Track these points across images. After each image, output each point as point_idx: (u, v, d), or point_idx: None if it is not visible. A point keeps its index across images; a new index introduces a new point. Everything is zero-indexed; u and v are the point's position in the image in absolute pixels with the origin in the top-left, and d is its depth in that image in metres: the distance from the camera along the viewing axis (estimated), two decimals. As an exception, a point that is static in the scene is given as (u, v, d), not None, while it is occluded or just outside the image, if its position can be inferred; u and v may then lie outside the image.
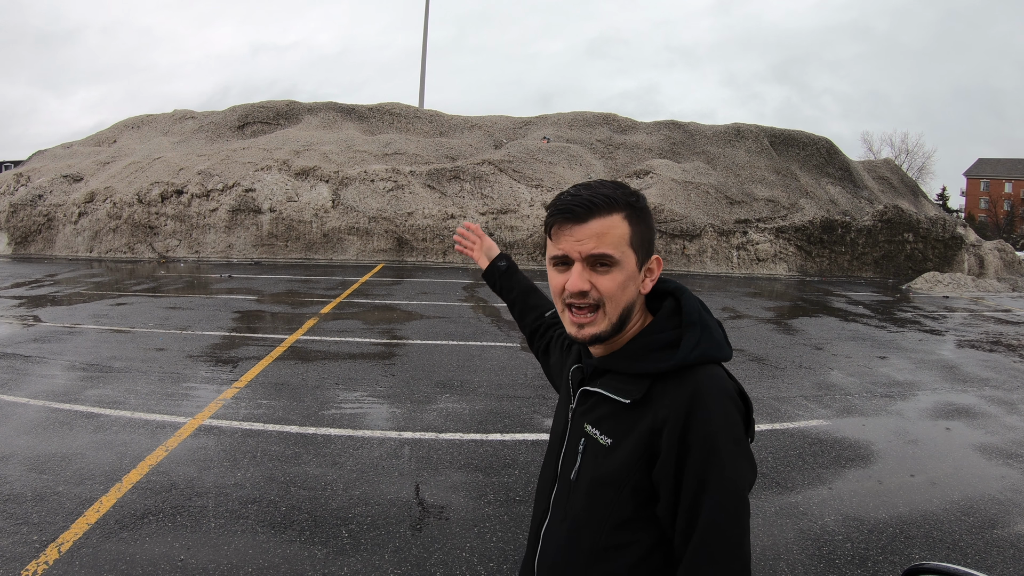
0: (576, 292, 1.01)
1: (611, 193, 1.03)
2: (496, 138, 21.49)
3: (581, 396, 1.11)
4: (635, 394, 1.01)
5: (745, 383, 5.99)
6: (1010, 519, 3.48)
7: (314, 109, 22.10)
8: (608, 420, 1.05)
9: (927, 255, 19.30)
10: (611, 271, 1.01)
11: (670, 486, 0.96)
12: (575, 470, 1.09)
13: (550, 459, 1.18)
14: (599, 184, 1.05)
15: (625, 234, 1.02)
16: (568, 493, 1.10)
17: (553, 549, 1.12)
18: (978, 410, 5.48)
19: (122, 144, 21.43)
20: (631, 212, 1.03)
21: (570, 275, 1.02)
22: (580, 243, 1.01)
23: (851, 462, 4.21)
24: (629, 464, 1.00)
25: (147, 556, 2.84)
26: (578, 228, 1.01)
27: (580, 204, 1.01)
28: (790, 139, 21.94)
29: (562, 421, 1.17)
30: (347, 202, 17.44)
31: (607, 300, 1.02)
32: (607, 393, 1.05)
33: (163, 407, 4.85)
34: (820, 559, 3.01)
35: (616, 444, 1.03)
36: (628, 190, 1.05)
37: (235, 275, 13.36)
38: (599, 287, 1.01)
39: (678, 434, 0.95)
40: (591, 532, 1.04)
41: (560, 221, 1.03)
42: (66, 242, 17.69)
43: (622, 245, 1.01)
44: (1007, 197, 57.16)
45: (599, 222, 1.01)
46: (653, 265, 1.07)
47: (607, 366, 1.07)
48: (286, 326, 8.13)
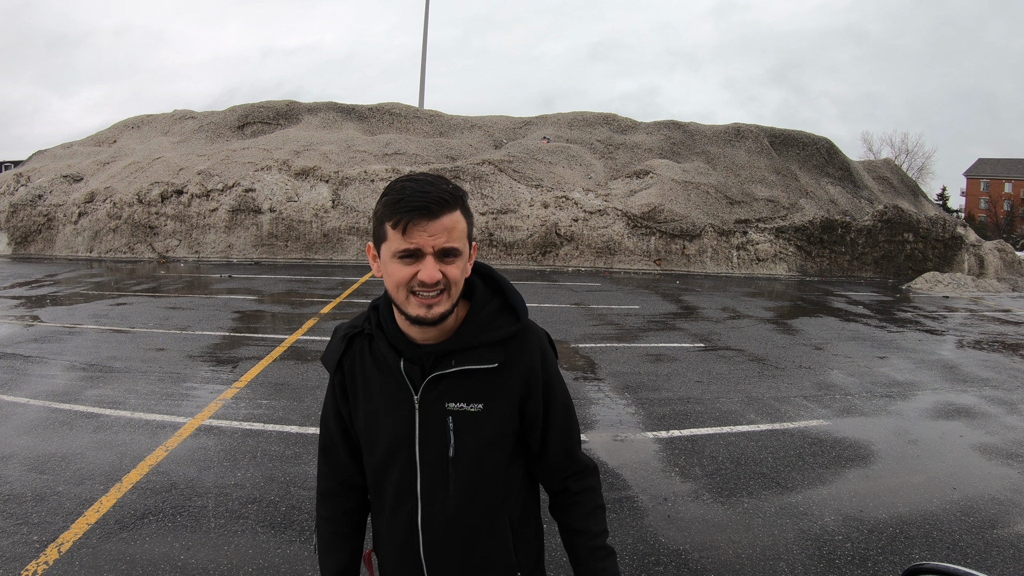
0: (432, 283, 1.10)
1: (451, 189, 1.12)
2: (496, 138, 21.49)
3: (429, 384, 1.20)
4: (500, 357, 1.19)
5: (745, 383, 6.01)
6: (1010, 519, 3.48)
7: (314, 109, 22.10)
8: (472, 389, 1.19)
9: (927, 255, 19.31)
10: (455, 261, 1.12)
11: (539, 411, 1.24)
12: (451, 447, 1.20)
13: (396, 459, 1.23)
14: (434, 180, 1.12)
15: (464, 228, 1.13)
16: (445, 473, 1.21)
17: (442, 530, 1.22)
18: (978, 410, 5.48)
19: (122, 144, 21.43)
20: (463, 207, 1.14)
21: (422, 267, 1.10)
22: (433, 238, 1.09)
23: (851, 462, 4.21)
24: (508, 415, 1.21)
25: (147, 556, 2.84)
26: (431, 224, 1.09)
27: (434, 201, 1.08)
28: (790, 139, 21.94)
29: (402, 420, 1.22)
30: (347, 202, 17.44)
31: (452, 285, 1.13)
32: (473, 366, 1.18)
33: (163, 407, 4.85)
34: (820, 559, 3.01)
35: (488, 406, 1.19)
36: (452, 184, 1.14)
37: (235, 275, 13.37)
38: (448, 275, 1.12)
39: (540, 376, 1.22)
40: (487, 491, 1.23)
41: (416, 217, 1.08)
42: (66, 242, 17.69)
43: (463, 238, 1.13)
44: (1007, 197, 57.16)
45: (448, 218, 1.10)
46: (473, 252, 1.20)
47: (452, 347, 1.18)
48: (286, 326, 8.13)
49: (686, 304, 11.18)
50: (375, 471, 1.27)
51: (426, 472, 1.21)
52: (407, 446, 1.22)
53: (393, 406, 1.22)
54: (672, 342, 7.90)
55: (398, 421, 1.22)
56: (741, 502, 3.58)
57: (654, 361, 6.82)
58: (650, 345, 7.68)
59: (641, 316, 9.80)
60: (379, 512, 1.30)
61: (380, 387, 1.23)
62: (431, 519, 1.22)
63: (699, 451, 4.30)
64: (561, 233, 17.38)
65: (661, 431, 4.65)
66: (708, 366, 6.68)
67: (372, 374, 1.24)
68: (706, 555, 3.03)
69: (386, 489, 1.26)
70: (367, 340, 1.26)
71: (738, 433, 4.68)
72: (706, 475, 3.93)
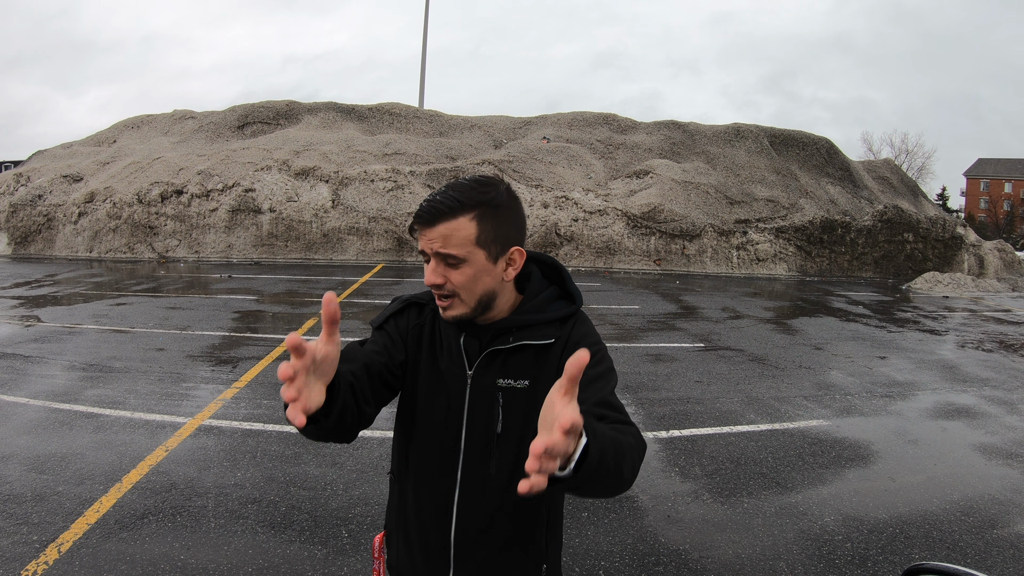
0: (431, 284, 1.15)
1: (460, 196, 1.12)
2: (496, 138, 21.49)
3: (485, 359, 1.21)
4: (555, 334, 1.20)
5: (745, 383, 6.01)
6: (1010, 519, 3.48)
7: (314, 109, 22.10)
8: (521, 365, 1.20)
9: (927, 255, 19.31)
10: (460, 267, 1.13)
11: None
12: (499, 424, 1.20)
13: (441, 435, 1.23)
14: (457, 185, 1.14)
15: (471, 235, 1.12)
16: (489, 451, 1.20)
17: (477, 512, 1.22)
18: (978, 410, 5.48)
19: (122, 144, 21.43)
20: (482, 211, 1.13)
21: (427, 268, 1.16)
22: (431, 242, 1.13)
23: (851, 462, 4.21)
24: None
25: (147, 556, 2.84)
26: (428, 230, 1.13)
27: (428, 210, 1.13)
28: (790, 139, 21.94)
29: (455, 395, 1.23)
30: (347, 202, 17.44)
31: (460, 290, 1.14)
32: (530, 341, 1.20)
33: (163, 407, 4.85)
34: (820, 559, 3.01)
35: (534, 383, 1.19)
36: (483, 190, 1.14)
37: (235, 275, 13.36)
38: (451, 280, 1.14)
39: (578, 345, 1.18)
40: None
41: (417, 223, 1.15)
42: (66, 242, 17.69)
43: (467, 245, 1.12)
44: (1007, 197, 57.14)
45: (444, 225, 1.12)
46: (515, 256, 1.18)
47: (512, 324, 1.21)
48: (286, 326, 8.13)
49: (686, 304, 11.18)
50: (417, 442, 1.26)
51: (470, 449, 1.22)
52: (456, 421, 1.22)
53: (448, 380, 1.24)
54: (672, 342, 7.90)
55: (451, 396, 1.23)
56: (741, 502, 3.58)
57: (654, 361, 6.82)
58: (650, 345, 7.68)
59: (641, 316, 9.80)
60: (407, 489, 1.28)
61: (439, 358, 1.25)
62: (468, 499, 1.22)
63: (699, 451, 4.30)
64: (561, 233, 17.38)
65: (661, 431, 4.65)
66: (708, 366, 6.68)
67: (436, 344, 1.27)
68: (706, 555, 3.03)
69: (425, 465, 1.25)
70: (431, 313, 1.28)
71: (738, 433, 4.68)
72: (706, 475, 3.93)
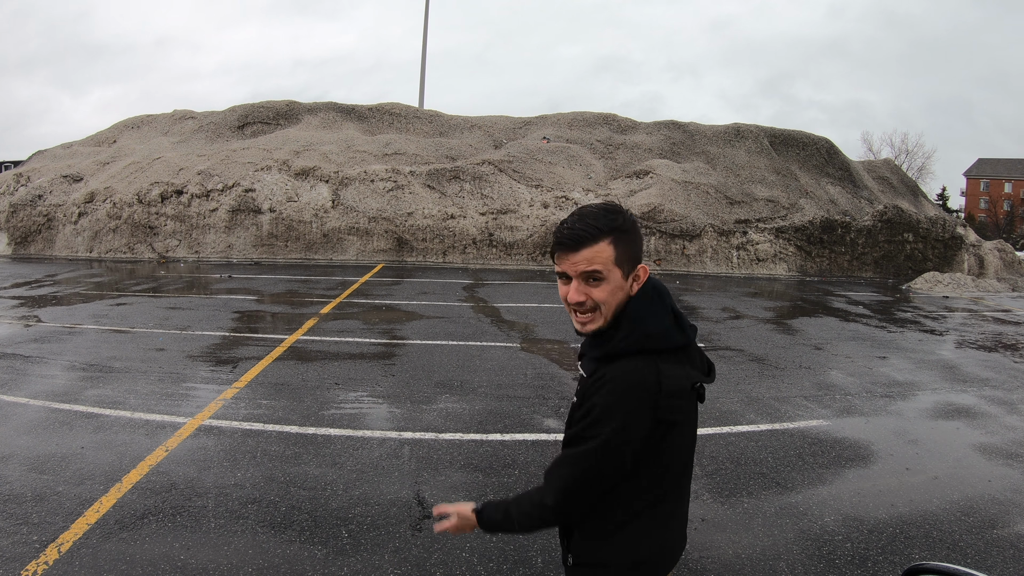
0: (575, 303, 1.34)
1: (598, 224, 1.30)
2: (496, 138, 21.48)
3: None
4: (590, 370, 1.39)
5: (745, 383, 6.00)
6: (1010, 519, 3.48)
7: (314, 109, 22.09)
8: (579, 386, 1.45)
9: (927, 255, 19.31)
10: (601, 283, 1.32)
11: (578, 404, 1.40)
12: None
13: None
14: (591, 214, 1.31)
15: (611, 256, 1.31)
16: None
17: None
18: (978, 410, 5.48)
19: (122, 144, 21.42)
20: (616, 236, 1.31)
21: (570, 288, 1.34)
22: (575, 265, 1.32)
23: (851, 462, 4.21)
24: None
25: (147, 556, 2.84)
26: (572, 255, 1.31)
27: (571, 238, 1.31)
28: (790, 139, 21.93)
29: None
30: (347, 202, 17.44)
31: (601, 305, 1.33)
32: (580, 370, 1.46)
33: (163, 407, 4.85)
34: (820, 559, 3.02)
35: (578, 403, 1.39)
36: (614, 216, 1.32)
37: (235, 275, 13.36)
38: (593, 296, 1.32)
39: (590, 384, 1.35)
40: None
41: (560, 250, 1.33)
42: (66, 242, 17.69)
43: (608, 264, 1.31)
44: (1007, 197, 57.15)
45: (589, 250, 1.30)
46: (640, 273, 1.36)
47: (582, 351, 1.47)
48: (286, 326, 8.13)
49: (686, 304, 11.18)
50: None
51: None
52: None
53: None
54: (672, 342, 7.88)
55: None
56: (741, 502, 3.58)
57: (654, 361, 6.81)
58: (650, 345, 7.67)
59: (641, 316, 9.77)
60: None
61: None
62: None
63: (699, 451, 4.28)
64: (561, 233, 17.35)
65: (661, 431, 4.65)
66: (708, 366, 6.67)
67: None
68: (706, 555, 3.03)
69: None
70: None
71: (738, 433, 4.68)
72: (706, 475, 3.93)
